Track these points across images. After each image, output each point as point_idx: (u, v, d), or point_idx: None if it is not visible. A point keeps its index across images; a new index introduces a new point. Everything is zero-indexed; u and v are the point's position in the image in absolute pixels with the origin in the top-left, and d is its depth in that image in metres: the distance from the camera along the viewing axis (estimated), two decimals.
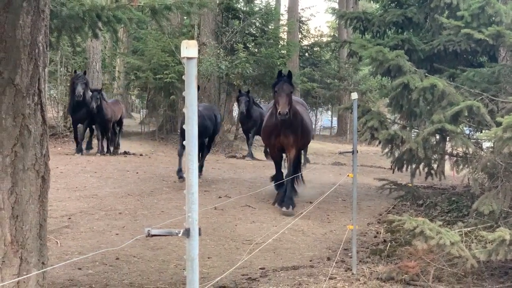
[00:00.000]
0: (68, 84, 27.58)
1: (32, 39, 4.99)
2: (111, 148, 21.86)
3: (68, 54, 25.77)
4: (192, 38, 27.17)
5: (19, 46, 4.89)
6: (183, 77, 3.19)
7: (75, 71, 21.42)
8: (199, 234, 3.24)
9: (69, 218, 11.23)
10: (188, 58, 3.11)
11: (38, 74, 5.07)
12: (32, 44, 4.98)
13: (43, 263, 5.14)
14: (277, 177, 13.37)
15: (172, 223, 8.93)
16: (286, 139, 12.55)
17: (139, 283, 7.73)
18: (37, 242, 5.05)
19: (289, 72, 12.45)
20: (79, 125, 21.20)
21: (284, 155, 13.72)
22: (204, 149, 16.31)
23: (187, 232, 3.17)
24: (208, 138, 16.39)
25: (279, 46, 30.56)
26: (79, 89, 20.04)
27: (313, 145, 30.10)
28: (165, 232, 3.37)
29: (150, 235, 3.29)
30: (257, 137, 22.90)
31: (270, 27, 31.77)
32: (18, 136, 4.88)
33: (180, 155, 14.93)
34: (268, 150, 16.77)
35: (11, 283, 4.80)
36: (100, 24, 7.26)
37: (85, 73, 21.32)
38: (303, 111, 13.69)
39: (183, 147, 13.70)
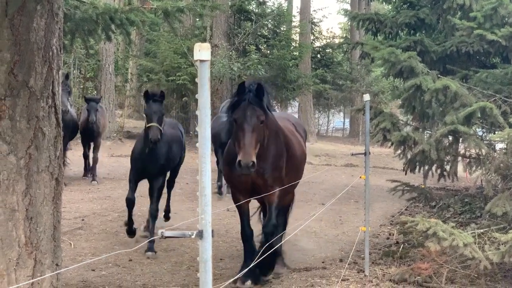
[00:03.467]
0: (81, 87, 27.76)
1: (46, 42, 5.02)
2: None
3: (81, 57, 25.89)
4: (204, 40, 27.22)
5: (33, 49, 4.92)
6: (196, 79, 3.20)
7: None
8: (212, 236, 3.26)
9: (83, 220, 11.29)
10: (201, 61, 3.13)
11: (52, 76, 5.10)
12: (46, 47, 5.02)
13: (57, 264, 5.17)
14: (243, 234, 8.13)
15: (185, 225, 8.96)
16: (261, 177, 7.69)
17: (152, 284, 7.76)
18: (51, 243, 5.09)
19: (259, 85, 7.41)
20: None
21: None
22: (169, 184, 11.22)
23: (200, 234, 3.19)
24: (172, 170, 11.03)
25: (291, 47, 30.55)
26: (64, 101, 13.60)
27: (325, 147, 30.11)
28: (178, 234, 3.39)
29: (163, 237, 3.30)
30: None
31: (282, 28, 31.78)
32: (32, 139, 4.91)
33: (130, 205, 9.81)
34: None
35: (26, 285, 4.83)
36: (113, 26, 7.29)
37: (67, 77, 15.32)
38: (289, 129, 8.82)
39: (134, 189, 9.79)
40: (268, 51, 29.74)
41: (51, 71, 5.08)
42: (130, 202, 9.74)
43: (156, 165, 9.69)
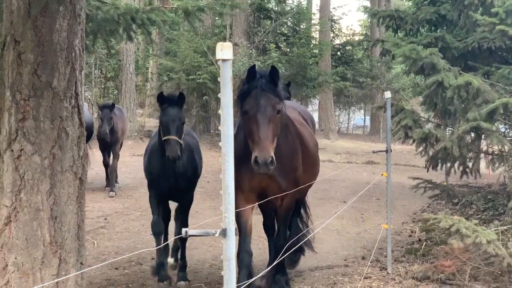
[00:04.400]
0: (102, 87, 27.91)
1: (69, 42, 5.07)
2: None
3: (102, 57, 26.02)
4: (224, 38, 27.28)
5: (56, 50, 4.97)
6: (218, 78, 3.22)
7: None
8: (235, 234, 3.27)
9: (105, 219, 11.37)
10: (223, 60, 3.14)
11: (75, 77, 5.15)
12: (68, 48, 5.06)
13: (81, 263, 5.22)
14: (240, 259, 6.87)
15: (207, 224, 8.98)
16: (272, 179, 6.62)
17: (175, 282, 7.79)
18: (76, 242, 5.13)
19: (273, 68, 6.39)
20: None
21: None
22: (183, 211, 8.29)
23: (223, 232, 3.20)
24: (187, 190, 8.08)
25: (311, 45, 30.47)
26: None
27: (346, 144, 30.02)
28: (202, 233, 3.40)
29: (187, 236, 3.32)
30: None
31: (302, 26, 31.71)
32: (56, 139, 4.96)
33: (158, 232, 7.90)
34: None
35: (51, 284, 4.88)
36: (134, 26, 7.33)
37: None
38: (298, 120, 7.80)
39: (160, 211, 7.97)
40: (288, 49, 29.72)
41: (74, 72, 5.13)
42: (158, 228, 7.78)
43: (182, 181, 7.77)
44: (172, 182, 7.66)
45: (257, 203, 7.07)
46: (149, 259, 8.81)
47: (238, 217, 6.62)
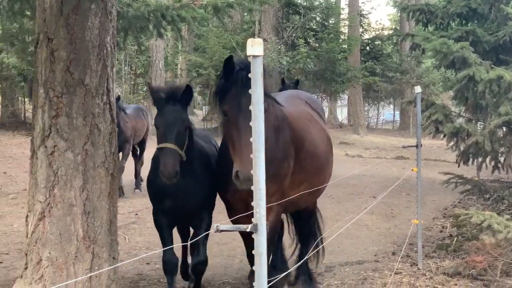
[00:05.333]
0: (132, 83, 28.09)
1: (101, 40, 5.13)
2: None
3: (132, 53, 26.21)
4: (253, 34, 27.30)
5: (88, 47, 5.03)
6: (248, 75, 3.23)
7: None
8: (267, 229, 3.28)
9: (136, 214, 11.45)
10: (254, 56, 3.15)
11: (107, 74, 5.21)
12: (100, 45, 5.13)
13: (114, 258, 5.29)
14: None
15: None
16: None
17: (205, 277, 7.82)
18: (108, 237, 5.20)
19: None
20: None
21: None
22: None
23: (255, 227, 3.21)
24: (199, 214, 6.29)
25: (340, 40, 30.42)
26: None
27: (375, 140, 29.87)
28: (233, 228, 3.43)
29: (219, 231, 3.34)
30: None
31: (330, 21, 31.67)
32: (88, 135, 5.03)
33: (171, 270, 6.25)
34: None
35: (84, 278, 4.95)
36: (164, 23, 7.38)
37: None
38: (305, 115, 6.81)
39: (171, 240, 6.25)
40: (317, 44, 29.68)
41: (105, 69, 5.19)
42: (171, 266, 6.15)
43: (191, 199, 6.03)
44: (174, 199, 5.97)
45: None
46: (179, 254, 8.85)
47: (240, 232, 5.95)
